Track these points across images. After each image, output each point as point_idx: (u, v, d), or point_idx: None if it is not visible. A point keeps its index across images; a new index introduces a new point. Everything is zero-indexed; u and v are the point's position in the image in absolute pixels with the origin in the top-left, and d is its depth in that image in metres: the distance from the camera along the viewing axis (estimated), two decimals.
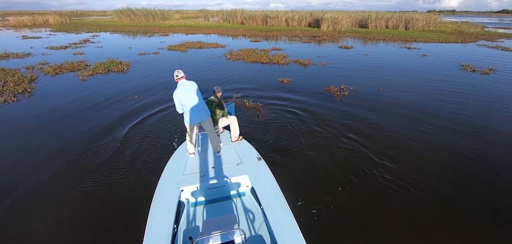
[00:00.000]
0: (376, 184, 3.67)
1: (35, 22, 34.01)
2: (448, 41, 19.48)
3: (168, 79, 8.68)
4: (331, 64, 11.14)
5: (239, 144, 3.69)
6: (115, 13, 37.78)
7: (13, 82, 7.82)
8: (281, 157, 4.29)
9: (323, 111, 6.09)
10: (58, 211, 3.18)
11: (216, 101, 3.75)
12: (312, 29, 27.01)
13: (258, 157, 3.29)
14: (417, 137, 4.97)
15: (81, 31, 25.10)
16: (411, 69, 10.55)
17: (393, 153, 4.38)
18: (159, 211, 2.47)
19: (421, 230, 2.96)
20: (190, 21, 37.84)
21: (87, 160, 4.13)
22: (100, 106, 6.33)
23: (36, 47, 15.09)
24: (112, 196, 3.41)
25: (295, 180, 3.75)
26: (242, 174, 3.01)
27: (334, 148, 4.58)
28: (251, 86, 7.94)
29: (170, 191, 2.73)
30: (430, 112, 6.12)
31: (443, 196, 3.47)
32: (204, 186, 2.91)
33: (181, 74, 3.23)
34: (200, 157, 3.39)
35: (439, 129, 5.29)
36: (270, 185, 2.78)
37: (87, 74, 8.98)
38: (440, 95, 7.36)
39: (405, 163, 4.14)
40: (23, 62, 11.10)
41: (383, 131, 5.16)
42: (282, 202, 2.53)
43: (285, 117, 5.76)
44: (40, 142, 4.66)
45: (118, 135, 4.91)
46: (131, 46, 15.82)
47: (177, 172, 3.06)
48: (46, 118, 5.65)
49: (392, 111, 6.16)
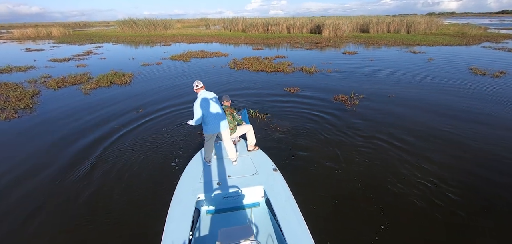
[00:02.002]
0: (405, 200, 3.40)
1: (39, 34, 34.42)
2: (452, 43, 19.29)
3: (173, 91, 8.51)
4: (337, 71, 10.94)
5: (255, 154, 3.65)
6: (118, 23, 38.20)
7: (15, 97, 7.69)
8: (295, 169, 4.14)
9: (335, 121, 5.85)
10: (73, 222, 3.02)
11: (227, 110, 3.75)
12: (314, 35, 26.99)
13: (273, 168, 3.25)
14: (438, 146, 4.73)
15: (84, 42, 25.29)
16: (419, 73, 10.32)
17: (417, 165, 4.12)
18: (176, 217, 2.51)
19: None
20: (191, 30, 38.12)
21: (98, 172, 3.92)
22: (103, 120, 6.14)
23: (39, 60, 15.10)
24: (129, 205, 3.46)
25: (311, 193, 3.59)
26: (257, 184, 2.99)
27: (351, 160, 4.35)
28: (258, 97, 7.73)
29: (187, 198, 2.77)
30: (449, 118, 5.88)
31: (472, 206, 3.20)
32: (220, 194, 2.93)
33: (200, 84, 3.35)
34: (217, 166, 3.41)
35: (464, 135, 5.10)
36: (286, 197, 2.73)
37: (90, 87, 8.85)
38: (455, 100, 7.09)
39: (434, 174, 3.87)
40: (26, 75, 11.03)
41: (399, 141, 4.91)
42: (297, 216, 2.48)
43: (297, 129, 5.54)
44: (43, 160, 4.46)
45: (124, 148, 4.71)
46: (134, 57, 15.79)
47: (194, 179, 3.10)
48: (49, 137, 5.44)
49: (407, 119, 5.91)
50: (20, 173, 4.19)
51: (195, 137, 5.25)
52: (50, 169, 4.28)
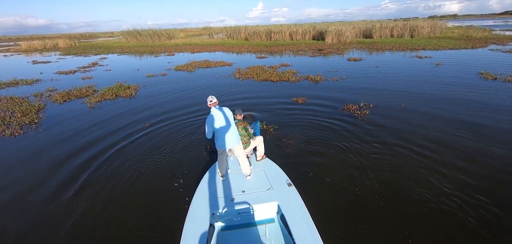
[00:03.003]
0: (433, 215, 3.17)
1: (46, 46, 35.09)
2: (458, 47, 19.04)
3: (178, 103, 8.41)
4: (343, 79, 10.77)
5: (268, 167, 3.64)
6: (122, 34, 38.83)
7: (21, 112, 7.67)
8: (310, 183, 4.03)
9: (346, 134, 5.64)
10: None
11: (240, 125, 3.75)
12: (317, 42, 26.97)
13: (288, 182, 3.21)
14: (459, 157, 4.50)
15: (90, 53, 25.64)
16: (428, 79, 10.09)
17: (440, 175, 3.89)
18: (191, 235, 2.49)
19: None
20: (194, 39, 38.56)
21: (101, 191, 3.77)
22: (107, 135, 6.02)
23: (46, 73, 15.26)
24: (143, 222, 3.42)
25: (327, 209, 3.47)
26: (272, 200, 2.95)
27: (368, 174, 4.15)
28: (266, 108, 7.56)
29: (201, 215, 2.75)
30: (466, 128, 5.63)
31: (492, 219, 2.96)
32: (234, 210, 2.90)
33: (214, 100, 3.40)
34: (231, 181, 3.37)
35: (483, 145, 4.86)
36: (301, 214, 2.68)
37: (95, 101, 8.81)
38: (470, 107, 6.84)
39: (457, 187, 3.63)
40: (32, 89, 11.10)
41: (416, 152, 4.68)
42: (314, 234, 2.42)
43: (309, 141, 5.37)
44: (41, 179, 4.33)
45: (131, 164, 4.56)
46: (138, 68, 15.85)
47: (208, 195, 3.08)
48: (52, 153, 5.34)
49: (421, 129, 5.68)
50: (16, 191, 4.10)
51: (201, 152, 5.09)
52: (48, 187, 4.17)
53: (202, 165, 4.63)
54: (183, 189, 3.98)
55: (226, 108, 3.46)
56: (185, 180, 4.23)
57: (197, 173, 4.38)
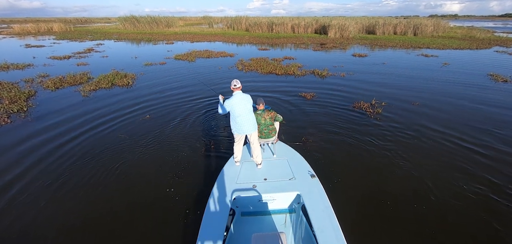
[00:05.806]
0: (464, 217, 2.89)
1: (40, 30, 33.85)
2: (462, 47, 18.76)
3: (179, 95, 7.95)
4: (350, 75, 10.39)
5: (292, 157, 3.54)
6: (119, 20, 37.60)
7: (9, 99, 7.13)
8: (330, 180, 3.85)
9: (359, 136, 5.27)
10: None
11: (267, 115, 3.58)
12: (319, 36, 26.43)
13: (311, 174, 3.12)
14: (482, 161, 4.22)
15: (85, 39, 24.72)
16: (437, 79, 9.79)
17: (460, 185, 3.60)
18: (212, 216, 2.51)
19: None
20: (194, 28, 37.57)
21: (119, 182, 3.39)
22: (101, 127, 5.61)
23: (39, 57, 14.54)
24: (167, 206, 3.43)
25: (350, 206, 3.42)
26: (294, 190, 2.89)
27: (387, 176, 3.90)
28: (273, 103, 7.14)
29: (223, 198, 2.74)
30: (484, 130, 5.35)
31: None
32: (255, 197, 2.87)
33: (239, 84, 3.41)
34: (253, 168, 3.32)
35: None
36: (324, 206, 2.58)
37: (89, 89, 8.30)
38: (486, 110, 6.55)
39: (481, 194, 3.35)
40: (23, 74, 10.49)
41: (435, 155, 4.39)
42: (335, 228, 2.32)
43: (323, 138, 5.12)
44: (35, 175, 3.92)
45: (130, 162, 4.18)
46: (136, 56, 15.22)
47: (230, 180, 3.05)
48: (45, 148, 4.92)
49: (440, 130, 5.38)
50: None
51: (207, 148, 4.71)
52: (34, 180, 3.77)
53: (208, 160, 4.27)
54: (183, 186, 3.65)
55: (248, 95, 3.42)
56: (185, 180, 3.89)
57: (199, 170, 4.06)
